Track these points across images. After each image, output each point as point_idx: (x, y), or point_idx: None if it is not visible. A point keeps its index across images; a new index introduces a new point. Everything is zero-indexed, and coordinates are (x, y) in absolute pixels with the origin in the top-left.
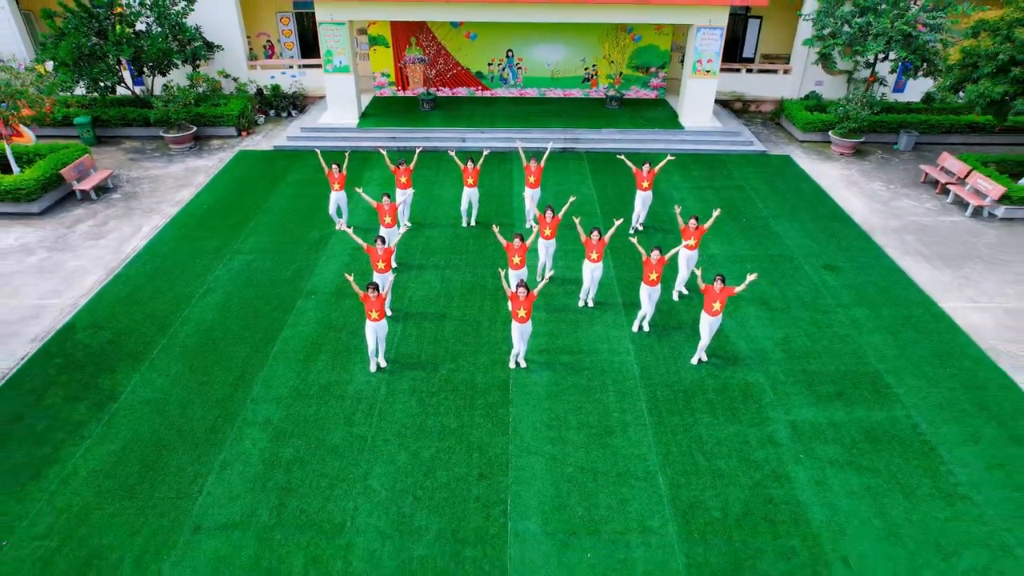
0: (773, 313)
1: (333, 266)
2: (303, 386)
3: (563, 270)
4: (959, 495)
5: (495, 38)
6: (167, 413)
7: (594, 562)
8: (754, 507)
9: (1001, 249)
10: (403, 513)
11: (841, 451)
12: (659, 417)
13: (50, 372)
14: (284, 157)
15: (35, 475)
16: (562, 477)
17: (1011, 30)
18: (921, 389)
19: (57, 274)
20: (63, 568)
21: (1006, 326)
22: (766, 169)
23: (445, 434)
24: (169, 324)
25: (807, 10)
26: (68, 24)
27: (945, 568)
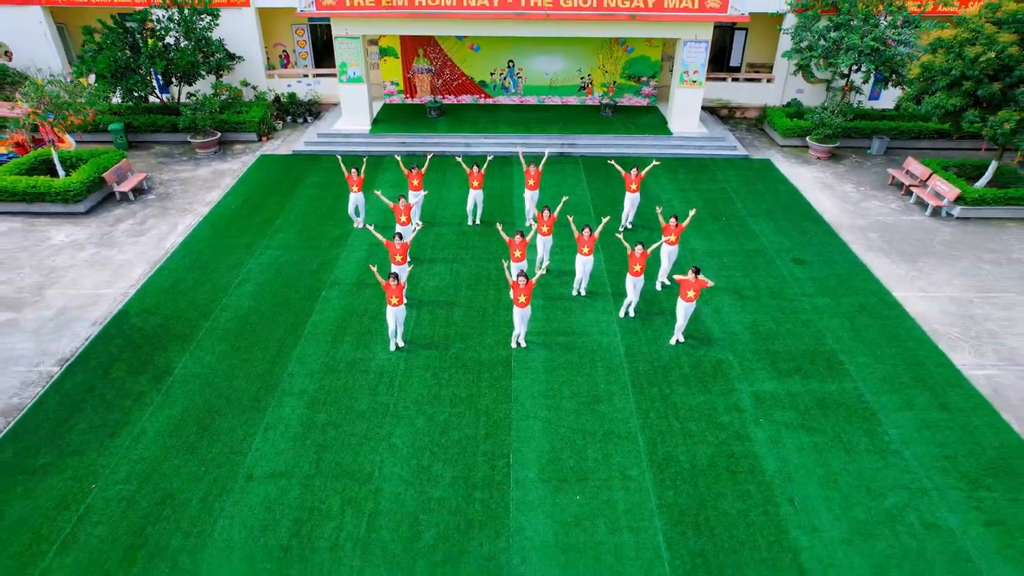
0: (744, 301)
1: (353, 260)
2: (332, 362)
3: (558, 263)
4: (891, 451)
5: (497, 50)
6: (215, 385)
7: (582, 503)
8: (718, 460)
9: (953, 246)
10: (422, 464)
11: (795, 416)
12: (640, 388)
13: (112, 351)
14: (303, 161)
15: (111, 434)
16: (556, 436)
17: (962, 48)
18: (869, 365)
19: (107, 267)
20: (143, 506)
21: (948, 312)
22: (747, 172)
23: (456, 402)
24: (210, 310)
25: (787, 24)
26: (106, 39)
27: (872, 506)
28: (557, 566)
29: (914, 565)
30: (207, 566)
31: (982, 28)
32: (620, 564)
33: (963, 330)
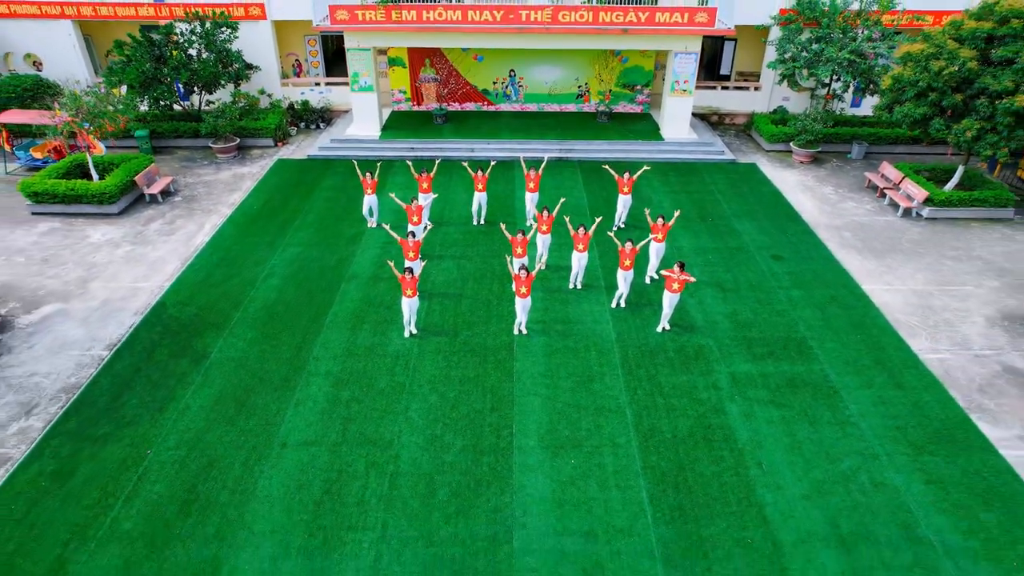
0: (726, 293)
1: (368, 257)
2: (353, 347)
3: (556, 259)
4: (849, 422)
5: (499, 60)
6: (249, 367)
7: (576, 465)
8: (696, 431)
9: (920, 244)
10: (435, 434)
11: (767, 393)
12: (629, 369)
13: (154, 337)
14: (318, 165)
15: (160, 408)
16: (554, 410)
17: (928, 62)
18: (835, 350)
19: (143, 263)
20: (193, 468)
21: (910, 303)
22: (734, 176)
23: (465, 381)
24: (240, 301)
25: (772, 36)
26: (134, 52)
27: (829, 468)
28: (554, 517)
29: (862, 516)
30: (251, 516)
31: (945, 44)
32: (609, 516)
33: (922, 319)
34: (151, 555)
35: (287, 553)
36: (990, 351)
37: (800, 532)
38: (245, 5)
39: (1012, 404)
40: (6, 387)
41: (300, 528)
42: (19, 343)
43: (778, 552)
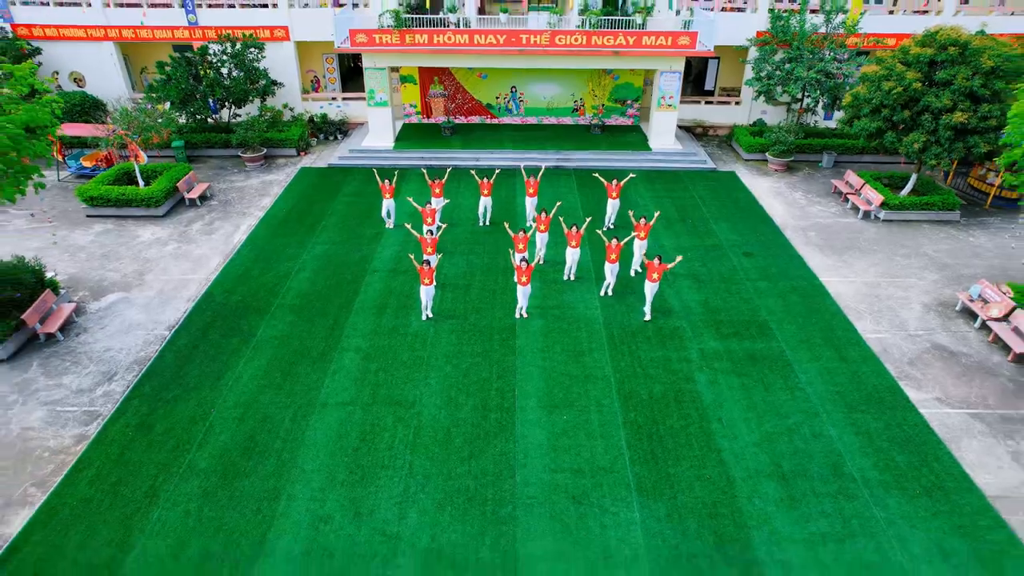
0: (700, 284)
1: (387, 253)
2: (378, 328)
3: (552, 255)
4: (798, 388)
5: (502, 78)
6: (290, 345)
7: (567, 421)
8: (668, 394)
9: (875, 242)
10: (450, 396)
11: (730, 365)
12: (614, 345)
13: (206, 320)
14: (338, 173)
15: (218, 377)
16: (550, 378)
17: (880, 82)
18: (792, 331)
19: (189, 258)
20: (250, 423)
21: (860, 293)
22: (714, 183)
23: (474, 355)
24: (277, 291)
25: (750, 56)
26: (174, 71)
27: (777, 423)
28: (549, 459)
29: (800, 459)
30: (302, 459)
31: (894, 67)
32: (593, 458)
33: (868, 306)
34: (223, 486)
35: (332, 485)
36: (923, 332)
37: (749, 470)
38: (271, 28)
39: (935, 374)
40: (88, 359)
41: (342, 467)
42: (93, 324)
43: (731, 484)
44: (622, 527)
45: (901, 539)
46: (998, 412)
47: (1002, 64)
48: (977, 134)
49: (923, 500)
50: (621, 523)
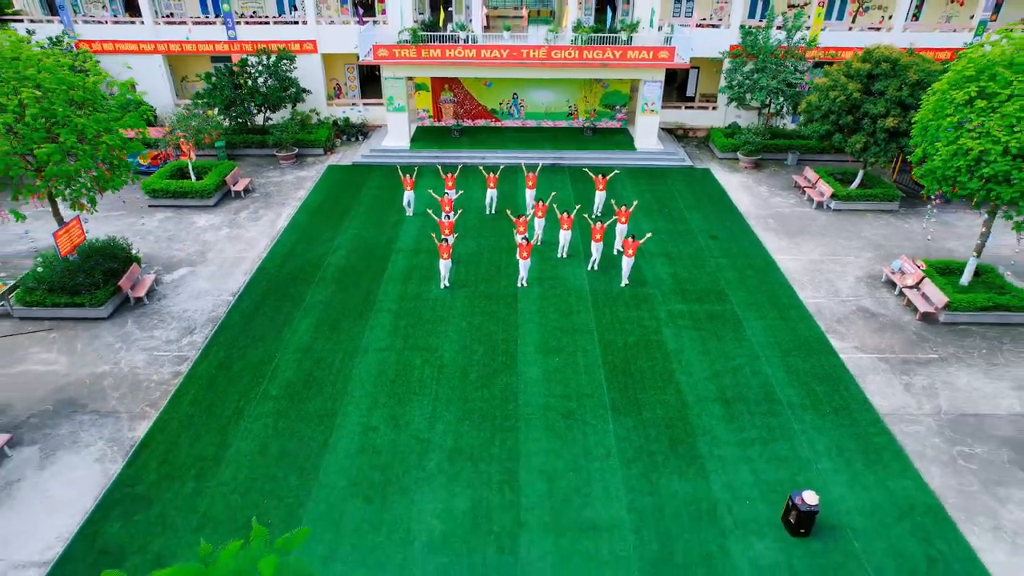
0: (671, 260)
1: (409, 237)
2: (405, 295)
3: (548, 236)
4: (744, 339)
5: (505, 86)
6: (334, 307)
7: (558, 362)
8: (640, 343)
9: (824, 228)
10: (465, 344)
11: (691, 322)
12: (597, 307)
13: (262, 288)
14: (362, 169)
15: (278, 331)
16: (545, 331)
17: (827, 92)
18: (744, 297)
19: (241, 240)
20: (308, 364)
21: (805, 268)
22: (690, 178)
23: (484, 314)
24: (319, 266)
25: (724, 67)
26: (219, 81)
27: (725, 364)
28: (544, 388)
29: (741, 389)
30: (351, 388)
31: (839, 79)
32: (578, 387)
33: (811, 278)
34: (292, 407)
35: (376, 406)
36: (852, 297)
37: (699, 396)
38: (300, 42)
39: (856, 329)
40: (171, 318)
41: (383, 393)
42: (170, 292)
43: (684, 407)
44: (599, 434)
45: (810, 442)
46: (900, 356)
47: (925, 77)
48: (907, 136)
49: (831, 416)
50: (598, 431)
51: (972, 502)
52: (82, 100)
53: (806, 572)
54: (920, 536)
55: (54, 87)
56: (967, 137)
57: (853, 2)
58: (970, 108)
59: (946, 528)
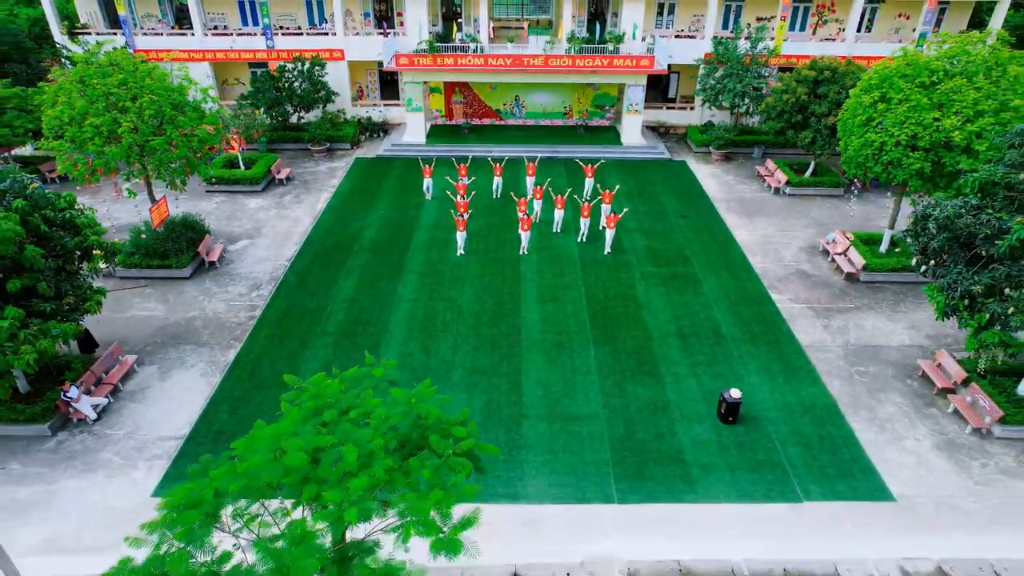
0: (647, 235)
1: (429, 216)
2: (428, 260)
3: (545, 215)
4: (701, 293)
5: (508, 89)
6: (371, 269)
7: (552, 309)
8: (617, 295)
9: (778, 209)
10: (479, 296)
11: (660, 280)
12: (585, 270)
13: (310, 256)
14: (384, 162)
15: (328, 287)
16: (542, 286)
17: (781, 95)
18: (704, 262)
19: (288, 219)
20: (355, 311)
21: (757, 240)
22: (668, 169)
23: (493, 275)
24: (355, 239)
25: (700, 73)
26: (262, 85)
27: (684, 309)
28: (541, 326)
29: (695, 327)
30: (391, 325)
31: (791, 84)
32: (567, 325)
33: (761, 248)
34: (345, 340)
35: (410, 339)
36: (792, 263)
37: (662, 333)
38: (330, 50)
39: (792, 286)
40: (240, 277)
41: (415, 330)
42: (235, 259)
43: (650, 340)
44: (583, 358)
45: (744, 364)
46: (824, 306)
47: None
48: None
49: (763, 347)
50: (582, 356)
51: (858, 402)
52: (178, 103)
53: (730, 445)
54: (816, 423)
55: (162, 93)
56: (872, 132)
57: (813, 15)
58: (874, 109)
59: (836, 418)
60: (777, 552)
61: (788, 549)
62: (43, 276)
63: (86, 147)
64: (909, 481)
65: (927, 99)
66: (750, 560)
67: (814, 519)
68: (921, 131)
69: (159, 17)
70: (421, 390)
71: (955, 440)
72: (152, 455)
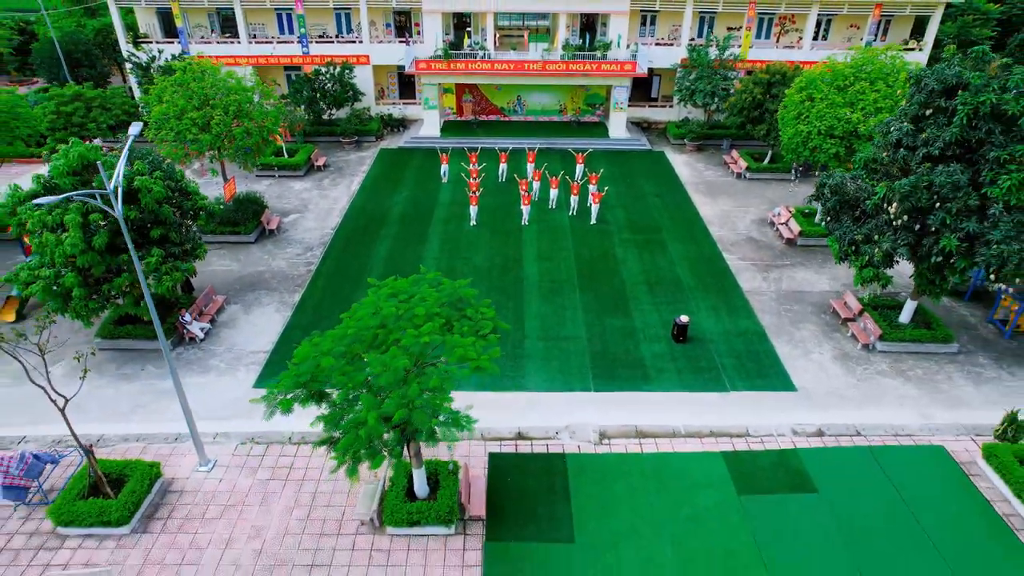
0: (627, 210)
1: (446, 196)
2: (447, 230)
3: (542, 194)
4: (667, 253)
5: (511, 89)
6: (401, 237)
7: (548, 266)
8: (599, 254)
9: (739, 190)
10: (489, 256)
11: (635, 245)
12: (575, 236)
13: (351, 226)
14: (406, 152)
15: (368, 248)
16: (539, 249)
17: (740, 94)
18: (672, 230)
19: (328, 198)
20: (391, 267)
21: (717, 215)
22: (648, 158)
23: (500, 240)
24: (386, 214)
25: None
26: (301, 86)
27: (652, 266)
28: (539, 278)
29: (660, 278)
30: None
31: (749, 85)
32: (561, 277)
33: (722, 220)
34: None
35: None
36: (744, 232)
37: (634, 282)
38: (357, 56)
39: (742, 249)
40: (295, 242)
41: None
42: (289, 228)
43: (623, 287)
44: (571, 299)
45: (696, 303)
46: (765, 263)
47: None
48: None
49: (713, 292)
50: (571, 298)
51: (780, 329)
52: (249, 100)
53: (680, 356)
54: (747, 343)
55: (241, 93)
56: (801, 124)
57: (777, 25)
58: (803, 106)
59: (763, 340)
60: (707, 421)
61: (715, 419)
62: (172, 228)
63: (184, 136)
64: (809, 379)
65: (841, 98)
66: (687, 425)
67: (736, 402)
68: (836, 123)
69: (208, 27)
70: (460, 283)
71: (848, 353)
72: (248, 363)
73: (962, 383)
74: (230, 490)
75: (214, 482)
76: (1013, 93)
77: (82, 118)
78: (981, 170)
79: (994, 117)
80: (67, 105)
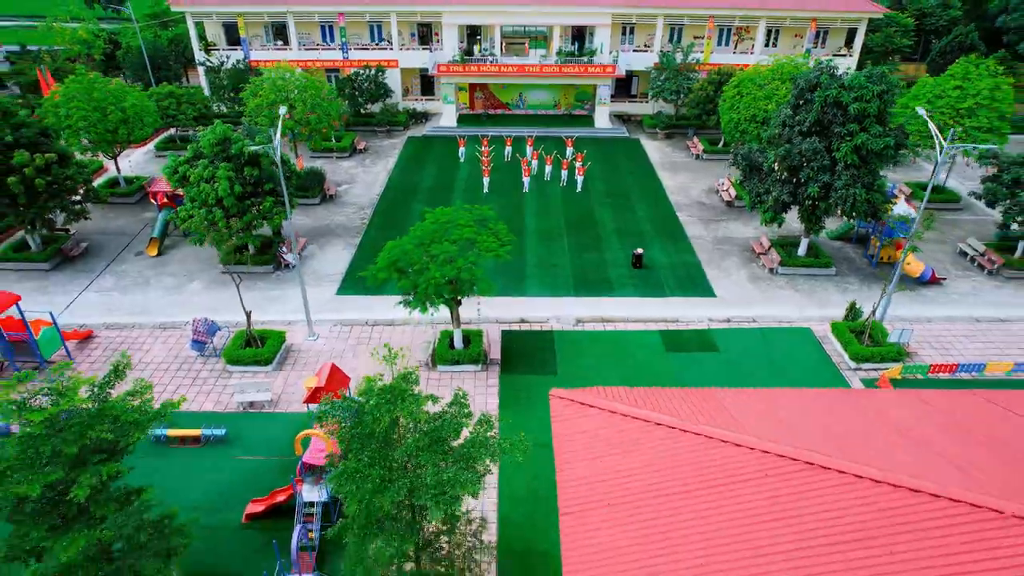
0: (606, 182)
1: (464, 174)
2: (466, 196)
3: (539, 171)
4: (634, 212)
5: (514, 88)
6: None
7: (543, 222)
8: (584, 215)
9: (696, 168)
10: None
11: (610, 207)
12: (564, 201)
13: (391, 195)
14: (429, 139)
15: (407, 208)
16: (537, 210)
17: (698, 92)
18: (639, 196)
19: (371, 173)
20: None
21: (676, 185)
22: (626, 144)
23: (507, 205)
24: (417, 185)
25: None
26: (344, 86)
27: (622, 221)
28: (536, 229)
29: (628, 228)
30: None
31: (704, 85)
32: (552, 228)
33: (679, 189)
34: None
35: None
36: (695, 198)
37: (607, 232)
38: (387, 60)
39: (691, 209)
40: (350, 204)
41: None
42: (343, 194)
43: (600, 236)
44: (560, 243)
45: (652, 245)
46: (708, 218)
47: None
48: None
49: (666, 239)
50: (560, 242)
51: (712, 261)
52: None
53: (636, 276)
54: (685, 269)
55: (314, 90)
56: (733, 112)
57: (735, 35)
58: (735, 99)
59: (697, 268)
60: (650, 313)
61: (656, 312)
62: (277, 184)
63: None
64: (726, 291)
65: (762, 93)
66: (636, 315)
67: (672, 303)
68: (758, 112)
69: (263, 37)
70: (484, 208)
71: (758, 275)
72: (329, 280)
73: (833, 293)
74: (330, 350)
75: (320, 344)
76: (851, 92)
77: (174, 111)
78: (832, 141)
79: (836, 105)
80: (163, 101)
